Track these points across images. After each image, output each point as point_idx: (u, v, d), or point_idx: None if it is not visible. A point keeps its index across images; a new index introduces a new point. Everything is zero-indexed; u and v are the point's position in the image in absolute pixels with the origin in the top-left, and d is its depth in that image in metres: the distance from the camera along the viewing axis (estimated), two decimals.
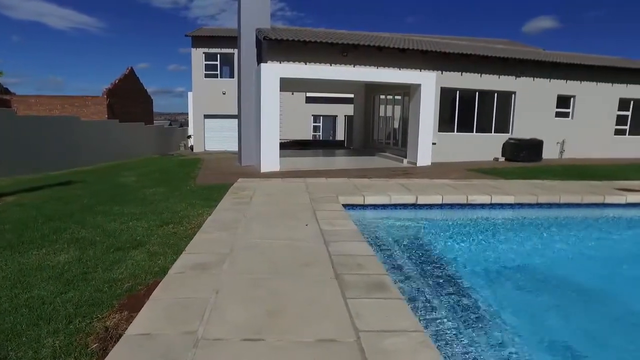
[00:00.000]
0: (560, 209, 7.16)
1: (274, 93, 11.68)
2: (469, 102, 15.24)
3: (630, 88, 17.00)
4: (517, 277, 4.51)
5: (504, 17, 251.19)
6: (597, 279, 4.61)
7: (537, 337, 3.24)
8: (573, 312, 3.74)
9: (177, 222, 5.97)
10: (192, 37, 23.59)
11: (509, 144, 15.19)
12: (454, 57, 14.14)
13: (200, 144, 24.47)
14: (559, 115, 16.47)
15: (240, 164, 14.10)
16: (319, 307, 2.86)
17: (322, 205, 6.02)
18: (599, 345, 3.19)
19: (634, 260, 5.47)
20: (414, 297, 3.70)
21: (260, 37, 12.51)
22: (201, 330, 2.50)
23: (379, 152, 16.74)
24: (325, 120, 30.06)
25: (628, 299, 4.10)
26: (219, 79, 24.13)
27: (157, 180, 10.55)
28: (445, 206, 6.81)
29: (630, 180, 9.73)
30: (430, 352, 2.35)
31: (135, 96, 27.17)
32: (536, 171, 11.85)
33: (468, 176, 10.41)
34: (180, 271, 3.44)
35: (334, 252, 3.92)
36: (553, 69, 15.79)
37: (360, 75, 13.35)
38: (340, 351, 2.33)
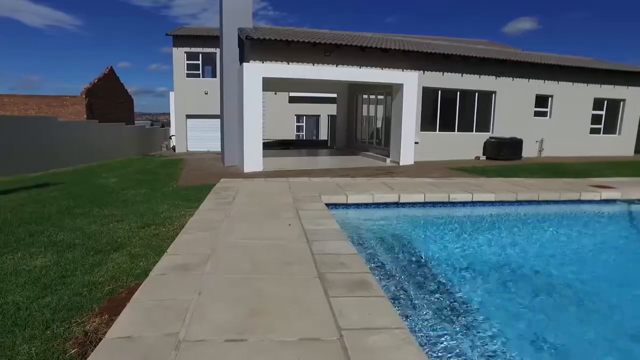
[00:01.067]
0: (539, 206, 7.32)
1: (256, 93, 11.62)
2: (451, 102, 15.45)
3: (604, 88, 17.49)
4: (497, 273, 4.59)
5: (485, 18, 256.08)
6: (574, 272, 4.73)
7: (517, 331, 3.31)
8: (551, 306, 3.82)
9: (159, 224, 5.90)
10: (173, 36, 23.28)
11: (490, 143, 15.45)
12: (435, 57, 14.31)
13: (183, 145, 24.18)
14: (537, 115, 16.84)
15: (223, 165, 13.99)
16: (301, 306, 2.86)
17: (305, 204, 6.03)
18: (573, 337, 3.28)
19: (609, 253, 5.64)
20: (396, 295, 3.74)
21: (242, 37, 12.44)
22: (183, 332, 2.47)
23: (362, 151, 16.83)
24: (308, 120, 30.05)
25: (601, 291, 4.22)
26: (201, 79, 23.87)
27: (138, 181, 10.38)
28: (428, 204, 6.90)
29: (605, 177, 10.01)
30: (412, 348, 2.37)
31: (116, 96, 26.68)
32: (516, 169, 12.09)
33: (450, 175, 10.56)
34: (162, 273, 3.40)
35: (316, 251, 3.92)
36: (531, 69, 16.13)
37: (343, 75, 13.40)
38: (323, 350, 2.34)
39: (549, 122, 16.97)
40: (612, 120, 18.22)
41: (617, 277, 4.78)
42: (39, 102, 21.63)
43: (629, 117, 18.26)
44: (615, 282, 4.59)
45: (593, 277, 4.65)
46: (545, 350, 3.10)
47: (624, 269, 5.11)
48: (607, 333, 3.42)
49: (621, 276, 4.80)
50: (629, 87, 17.94)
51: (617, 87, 17.70)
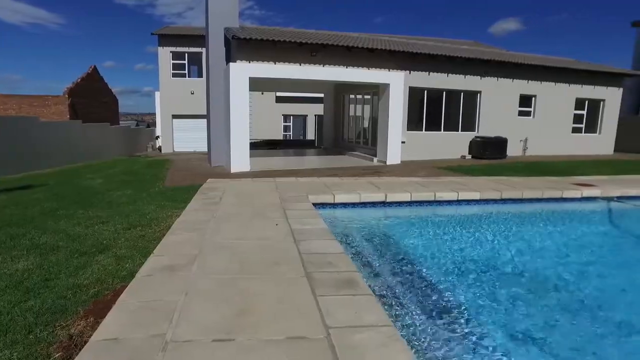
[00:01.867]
0: (523, 204, 7.45)
1: (243, 93, 11.58)
2: (437, 102, 15.61)
3: (585, 88, 17.87)
4: (482, 269, 4.67)
5: (471, 18, 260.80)
6: (554, 268, 4.83)
7: (498, 325, 3.38)
8: (532, 300, 3.90)
9: (145, 225, 5.84)
10: (158, 35, 23.05)
11: (475, 142, 15.65)
12: (421, 57, 14.44)
13: (169, 145, 23.95)
14: (521, 114, 17.12)
15: (210, 165, 13.91)
16: (289, 305, 2.87)
17: (292, 204, 6.04)
18: (553, 331, 3.35)
19: (589, 250, 5.77)
20: (383, 293, 3.77)
21: (228, 36, 12.38)
22: (170, 333, 2.47)
23: (349, 151, 16.89)
24: (295, 120, 30.02)
25: (580, 285, 4.32)
26: (187, 79, 23.68)
27: (124, 182, 10.26)
28: (414, 203, 6.96)
29: (586, 175, 10.23)
30: (399, 345, 2.41)
31: (100, 96, 26.28)
32: (501, 168, 12.27)
33: (436, 174, 10.67)
34: (148, 274, 3.38)
35: (304, 251, 3.94)
36: (515, 70, 16.38)
37: (329, 74, 13.43)
38: (310, 348, 2.36)
39: (532, 121, 17.26)
40: (593, 119, 18.62)
41: (596, 270, 4.89)
42: (20, 102, 21.17)
43: (608, 117, 18.68)
44: (593, 275, 4.71)
45: (574, 271, 4.75)
46: (525, 340, 3.17)
47: (601, 262, 5.23)
48: (585, 323, 3.51)
49: (600, 269, 4.91)
50: (608, 88, 18.36)
51: (597, 87, 18.09)
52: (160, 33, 23.15)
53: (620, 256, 5.62)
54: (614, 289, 4.38)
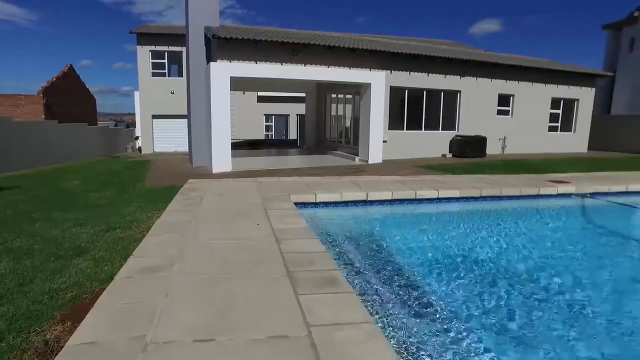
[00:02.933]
0: (501, 201, 7.63)
1: (224, 92, 11.50)
2: (418, 101, 15.79)
3: (560, 88, 18.34)
4: (462, 265, 4.76)
5: (452, 18, 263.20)
6: (532, 262, 4.97)
7: (474, 319, 3.45)
8: (509, 292, 4.00)
9: (125, 226, 5.76)
10: (137, 34, 22.63)
11: (456, 141, 15.89)
12: (402, 57, 14.58)
13: (149, 146, 23.58)
14: (500, 113, 17.46)
15: (192, 165, 13.76)
16: (270, 304, 2.88)
17: (274, 204, 6.03)
18: (528, 324, 3.45)
19: (565, 244, 5.95)
20: (364, 290, 3.81)
21: (209, 36, 12.27)
22: (150, 335, 2.45)
23: (331, 150, 16.94)
24: (277, 120, 29.94)
25: (556, 278, 4.46)
26: (167, 78, 23.33)
27: (103, 183, 10.07)
28: (395, 202, 7.04)
29: (561, 172, 10.51)
30: (379, 341, 2.44)
31: (76, 95, 25.68)
32: (480, 166, 12.50)
33: (417, 172, 10.80)
34: (127, 276, 3.34)
35: (285, 250, 3.95)
36: (494, 70, 16.70)
37: (311, 74, 13.44)
38: (292, 346, 2.38)
39: (511, 120, 17.62)
40: (568, 119, 19.13)
41: (569, 263, 5.04)
42: None
43: (582, 116, 19.22)
44: (564, 266, 4.86)
45: (552, 264, 4.88)
46: (501, 330, 3.26)
47: (574, 256, 5.40)
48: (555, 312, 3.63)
49: (572, 262, 5.07)
50: (582, 88, 18.89)
51: (571, 87, 18.59)
52: (139, 31, 22.74)
53: (591, 249, 5.79)
54: (585, 278, 4.54)
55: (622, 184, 8.34)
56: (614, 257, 5.43)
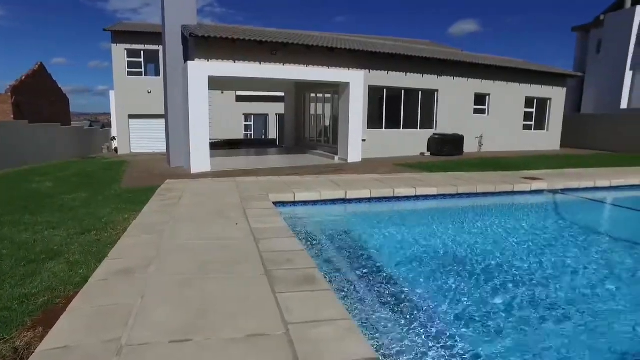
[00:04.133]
0: (477, 198, 7.80)
1: (202, 92, 11.38)
2: (396, 100, 15.96)
3: (533, 88, 18.84)
4: (438, 261, 4.86)
5: (431, 18, 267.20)
6: (507, 256, 5.11)
7: (451, 312, 3.54)
8: (484, 285, 4.12)
9: (101, 229, 5.64)
10: (111, 31, 22.12)
11: (434, 139, 16.13)
12: (380, 56, 14.71)
13: (126, 146, 23.10)
14: (476, 112, 17.80)
15: (170, 166, 13.56)
16: (248, 303, 2.89)
17: (252, 203, 6.02)
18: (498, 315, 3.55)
19: (537, 238, 6.14)
20: (342, 287, 3.85)
21: (186, 34, 12.11)
22: (125, 337, 2.42)
23: (311, 150, 16.96)
24: (256, 119, 29.76)
25: (529, 271, 4.60)
26: (143, 77, 22.89)
27: (77, 184, 9.83)
28: (374, 200, 7.12)
29: (535, 170, 10.81)
30: (356, 337, 2.48)
31: (48, 94, 24.93)
32: (458, 164, 12.72)
33: (395, 170, 10.93)
34: (102, 278, 3.28)
35: (264, 249, 3.95)
36: (470, 69, 17.02)
37: (289, 73, 13.42)
38: (269, 344, 2.39)
39: (487, 119, 17.99)
40: (541, 117, 19.66)
41: (540, 255, 5.21)
42: None
43: (554, 115, 19.79)
44: (534, 259, 5.03)
45: (523, 257, 5.04)
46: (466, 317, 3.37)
47: (545, 250, 5.58)
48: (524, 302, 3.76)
49: (543, 254, 5.24)
50: (554, 87, 19.45)
51: (544, 87, 19.12)
52: (114, 29, 22.23)
53: (560, 242, 5.98)
54: (554, 268, 4.70)
55: (590, 180, 8.65)
56: (582, 248, 5.63)
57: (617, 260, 5.28)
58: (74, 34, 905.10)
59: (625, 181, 8.87)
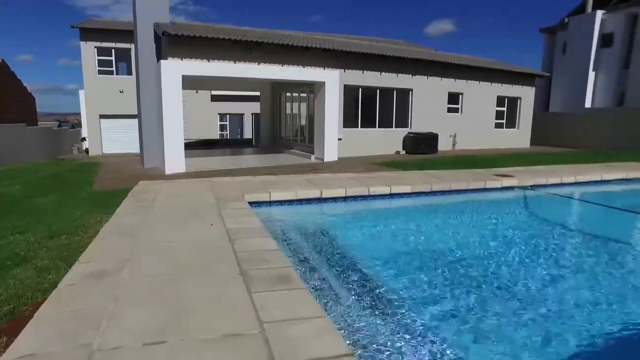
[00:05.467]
0: (451, 195, 7.98)
1: (176, 91, 11.21)
2: (371, 99, 16.12)
3: (504, 87, 19.36)
4: (411, 257, 4.96)
5: (407, 18, 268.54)
6: (478, 251, 5.27)
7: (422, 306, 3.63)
8: (455, 279, 4.24)
9: (72, 232, 5.50)
10: (80, 28, 21.44)
11: (409, 138, 16.37)
12: (356, 56, 14.83)
13: (97, 147, 22.49)
14: (450, 111, 18.16)
15: (143, 167, 13.30)
16: (224, 304, 2.88)
17: (227, 204, 5.98)
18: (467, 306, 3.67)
19: (506, 233, 6.35)
20: (317, 285, 3.89)
21: (159, 33, 11.89)
22: (97, 341, 2.38)
23: (287, 149, 16.94)
24: (232, 119, 29.50)
25: (498, 265, 4.76)
26: (115, 76, 22.33)
27: (46, 187, 9.53)
28: (349, 198, 7.19)
29: (506, 167, 11.11)
30: (332, 334, 2.51)
31: (11, 94, 24.01)
32: (432, 162, 12.96)
33: (371, 169, 11.04)
34: (72, 283, 3.21)
35: (239, 249, 3.95)
36: (444, 69, 17.35)
37: (265, 73, 13.38)
38: (245, 343, 2.40)
39: (460, 117, 18.38)
40: (512, 116, 20.24)
41: (509, 248, 5.40)
42: None
43: (524, 114, 20.40)
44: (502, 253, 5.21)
45: (495, 249, 5.20)
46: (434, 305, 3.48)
47: (513, 244, 5.78)
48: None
49: (513, 247, 5.43)
50: (524, 87, 20.05)
51: (514, 86, 19.68)
52: (82, 26, 21.56)
53: (528, 235, 6.20)
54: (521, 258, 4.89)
55: (557, 177, 8.98)
56: (550, 241, 5.86)
57: (577, 249, 5.63)
58: (41, 30, 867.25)
59: (588, 177, 9.27)
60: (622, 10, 22.28)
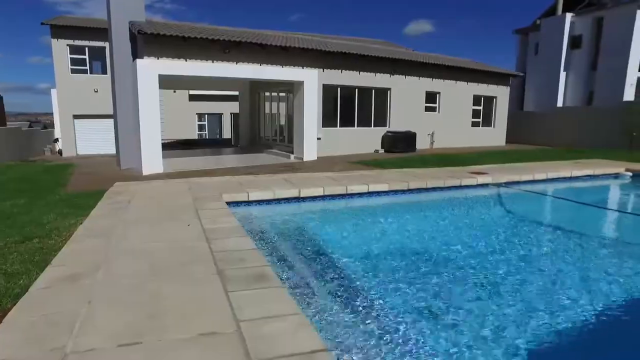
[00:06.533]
0: (427, 193, 8.15)
1: (152, 91, 11.05)
2: (350, 98, 16.23)
3: (480, 86, 19.79)
4: (387, 253, 5.06)
5: (387, 18, 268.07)
6: (454, 245, 5.40)
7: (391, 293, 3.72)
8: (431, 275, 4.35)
9: (44, 236, 5.36)
10: (50, 25, 20.78)
11: (387, 137, 16.56)
12: (334, 55, 14.90)
13: (71, 148, 21.92)
14: (428, 110, 18.44)
15: (120, 168, 13.06)
16: (200, 304, 2.89)
17: (205, 204, 5.95)
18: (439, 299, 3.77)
19: (481, 228, 6.54)
20: (295, 283, 3.93)
21: (134, 31, 11.70)
22: (70, 345, 2.37)
23: (266, 149, 16.90)
24: (210, 119, 29.22)
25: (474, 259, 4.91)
26: (89, 75, 21.79)
27: (15, 190, 9.24)
28: (327, 197, 7.25)
29: (482, 165, 11.38)
30: (307, 331, 2.56)
31: None
32: (410, 160, 13.14)
33: (350, 168, 11.14)
34: (45, 286, 3.16)
35: (216, 249, 3.95)
36: (421, 68, 17.60)
37: (243, 72, 13.32)
38: (221, 342, 2.42)
39: (438, 116, 18.69)
40: (488, 115, 20.70)
41: (484, 242, 5.57)
42: None
43: (500, 112, 20.90)
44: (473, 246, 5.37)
45: (469, 244, 5.35)
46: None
47: (487, 236, 5.96)
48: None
49: (487, 242, 5.60)
50: (499, 86, 20.53)
51: (490, 85, 20.13)
52: (53, 23, 20.90)
53: (501, 230, 6.40)
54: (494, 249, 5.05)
55: (529, 174, 9.26)
56: (522, 236, 6.06)
57: (547, 243, 5.90)
58: (9, 26, 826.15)
59: (558, 174, 9.60)
60: (589, 13, 23.10)
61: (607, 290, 4.16)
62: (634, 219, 7.38)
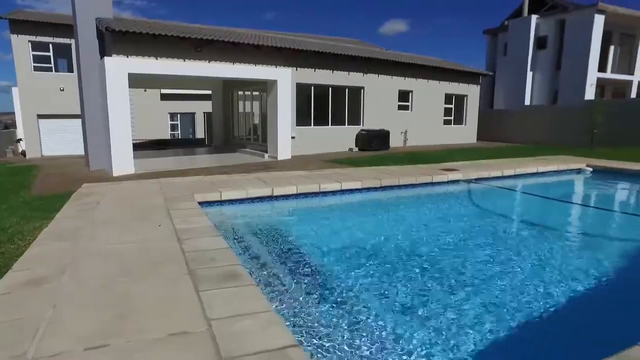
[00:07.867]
0: (400, 190, 8.29)
1: (121, 90, 10.78)
2: (324, 97, 16.28)
3: (451, 85, 20.22)
4: (357, 248, 5.13)
5: (362, 18, 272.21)
6: (428, 242, 5.53)
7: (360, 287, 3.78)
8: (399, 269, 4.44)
9: (6, 241, 5.16)
10: (9, 20, 19.82)
11: (361, 135, 16.70)
12: (307, 54, 14.90)
13: (36, 149, 21.08)
14: (401, 108, 18.69)
15: (89, 169, 12.67)
16: (171, 303, 2.87)
17: (176, 204, 5.88)
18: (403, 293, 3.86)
19: (449, 221, 6.72)
20: (266, 281, 3.95)
21: (101, 28, 11.36)
22: (32, 350, 2.31)
23: (240, 148, 16.77)
24: (183, 118, 28.73)
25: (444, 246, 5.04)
26: (54, 73, 20.98)
27: None
28: (300, 196, 7.28)
29: (454, 161, 11.65)
30: (277, 328, 2.58)
31: None
32: (384, 158, 13.30)
33: (323, 166, 11.18)
34: (5, 292, 3.05)
35: (187, 249, 3.92)
36: (394, 67, 17.82)
37: (215, 71, 13.16)
38: (191, 341, 2.42)
39: (410, 114, 18.97)
40: (460, 113, 21.18)
41: (455, 236, 5.73)
42: None
43: (470, 111, 21.41)
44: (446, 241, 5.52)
45: (439, 237, 5.49)
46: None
47: (456, 230, 6.12)
48: None
49: (457, 235, 5.76)
50: (470, 85, 21.03)
51: (461, 84, 20.59)
52: (12, 17, 19.94)
53: (469, 224, 6.59)
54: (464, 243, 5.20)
55: (498, 170, 9.54)
56: (490, 229, 6.26)
57: (515, 235, 6.13)
58: None
59: (525, 170, 9.94)
60: (552, 16, 23.99)
61: (566, 276, 4.39)
62: (594, 212, 7.75)
